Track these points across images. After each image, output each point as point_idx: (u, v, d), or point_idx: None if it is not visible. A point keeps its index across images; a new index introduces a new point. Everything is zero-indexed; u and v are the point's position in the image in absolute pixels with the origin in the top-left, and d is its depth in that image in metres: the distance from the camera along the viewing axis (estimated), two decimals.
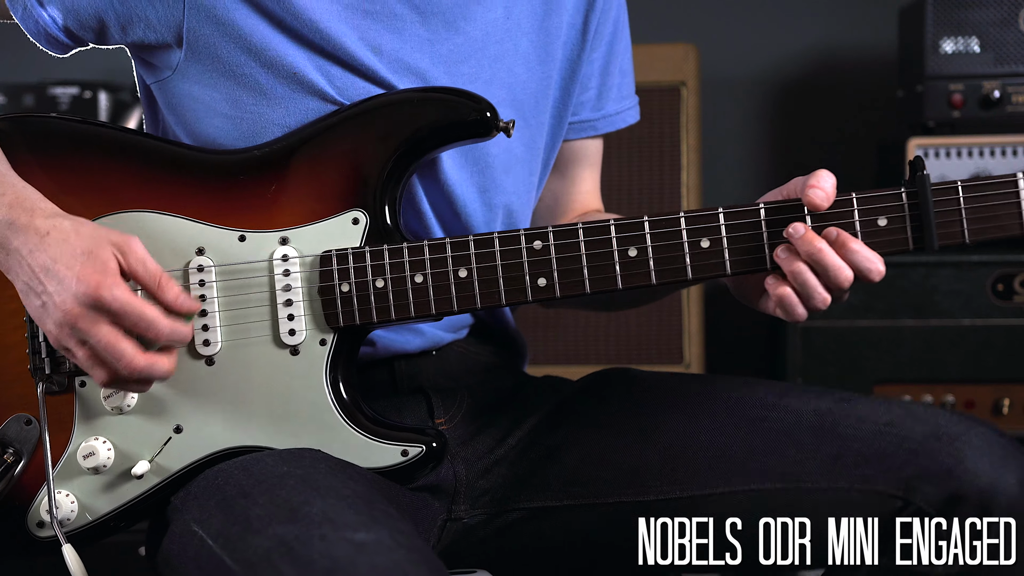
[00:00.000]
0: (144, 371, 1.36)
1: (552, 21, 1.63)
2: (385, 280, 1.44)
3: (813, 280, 1.38)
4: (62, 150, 1.49)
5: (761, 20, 3.32)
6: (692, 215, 1.42)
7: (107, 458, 1.46)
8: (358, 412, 1.46)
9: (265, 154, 1.49)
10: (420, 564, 1.22)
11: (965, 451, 1.38)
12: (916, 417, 1.43)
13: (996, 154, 2.72)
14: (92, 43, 1.56)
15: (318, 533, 1.23)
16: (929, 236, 1.39)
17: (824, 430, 1.46)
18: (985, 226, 1.39)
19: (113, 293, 1.34)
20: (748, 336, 3.26)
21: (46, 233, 1.37)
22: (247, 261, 1.46)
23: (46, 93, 3.04)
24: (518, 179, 1.63)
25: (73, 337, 1.36)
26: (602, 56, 1.71)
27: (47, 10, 1.52)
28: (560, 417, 1.60)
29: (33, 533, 1.48)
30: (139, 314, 1.35)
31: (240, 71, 1.50)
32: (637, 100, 1.78)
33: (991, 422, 1.45)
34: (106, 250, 1.36)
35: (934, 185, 1.39)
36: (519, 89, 1.60)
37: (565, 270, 1.43)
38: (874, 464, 1.41)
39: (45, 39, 1.55)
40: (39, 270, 1.36)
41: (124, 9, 1.50)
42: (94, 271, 1.35)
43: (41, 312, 1.37)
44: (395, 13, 1.53)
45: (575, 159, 1.77)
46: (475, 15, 1.56)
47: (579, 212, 1.78)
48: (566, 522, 1.55)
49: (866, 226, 1.40)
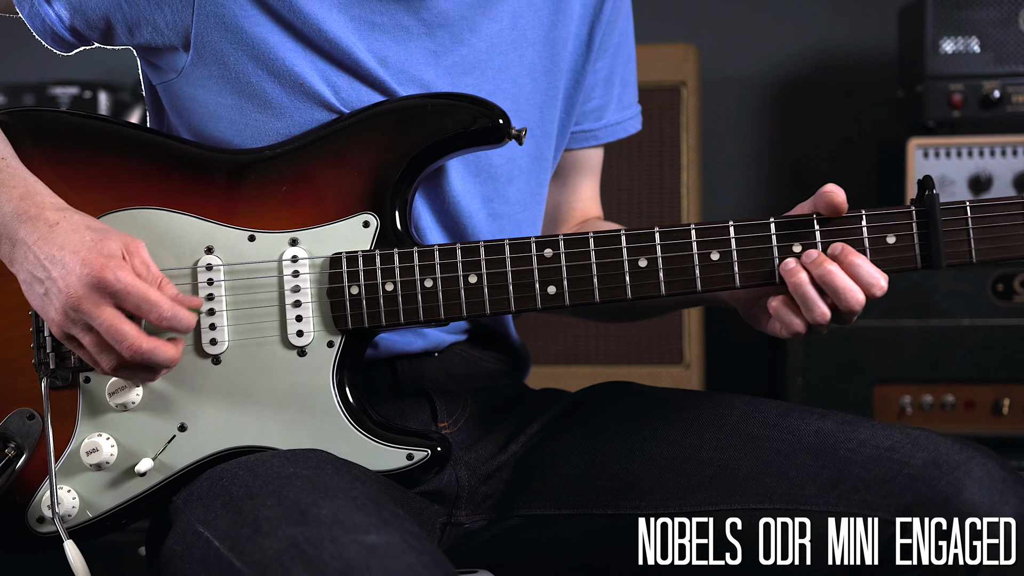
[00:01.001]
0: (148, 354, 1.36)
1: (559, 32, 1.63)
2: (395, 283, 1.44)
3: (813, 293, 1.38)
4: (71, 144, 1.49)
5: (761, 20, 3.33)
6: (703, 227, 1.42)
7: (110, 454, 1.46)
8: (364, 415, 1.46)
9: (277, 155, 1.49)
10: (432, 567, 1.22)
11: (964, 481, 1.37)
12: (917, 443, 1.43)
13: (996, 154, 2.72)
14: (98, 43, 1.56)
15: (329, 535, 1.23)
16: (937, 256, 1.40)
17: (825, 452, 1.45)
18: (993, 247, 1.40)
19: (116, 274, 1.34)
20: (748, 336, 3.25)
21: (55, 223, 1.38)
22: (256, 261, 1.46)
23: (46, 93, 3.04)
24: (523, 190, 1.63)
25: (78, 323, 1.36)
26: (606, 66, 1.71)
27: (54, 8, 1.51)
28: (561, 426, 1.60)
29: (33, 529, 1.48)
30: (142, 295, 1.35)
31: (246, 79, 1.50)
32: (639, 109, 1.79)
33: (994, 452, 1.43)
34: (114, 242, 1.37)
35: (943, 205, 1.40)
36: (523, 100, 1.60)
37: (575, 279, 1.43)
38: (873, 489, 1.41)
39: (51, 37, 1.55)
40: (45, 259, 1.36)
41: (132, 11, 1.50)
42: (99, 255, 1.35)
43: (44, 301, 1.37)
44: (402, 25, 1.53)
45: (576, 168, 1.77)
46: (481, 27, 1.56)
47: (579, 220, 1.79)
48: (565, 530, 1.55)
49: (875, 243, 1.41)
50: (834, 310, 1.40)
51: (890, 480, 1.41)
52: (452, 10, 1.54)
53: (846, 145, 3.30)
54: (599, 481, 1.54)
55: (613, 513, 1.53)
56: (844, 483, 1.43)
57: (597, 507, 1.54)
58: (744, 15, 3.33)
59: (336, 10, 1.50)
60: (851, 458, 1.44)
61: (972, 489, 1.37)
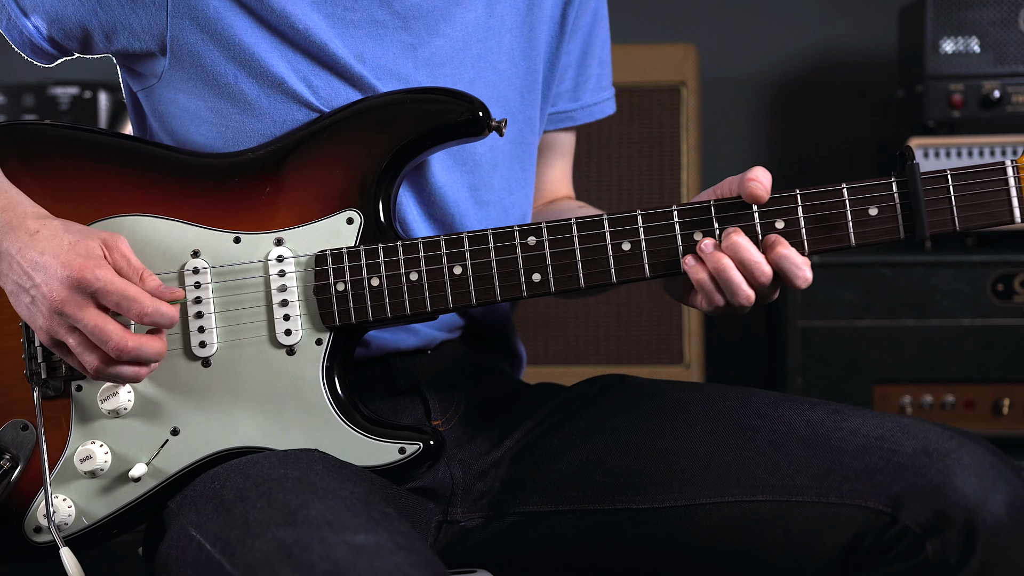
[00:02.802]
0: (134, 351, 1.36)
1: (535, 15, 1.64)
2: (380, 278, 1.45)
3: (737, 277, 1.38)
4: (54, 156, 1.49)
5: (761, 20, 3.32)
6: (684, 208, 1.43)
7: (104, 461, 1.46)
8: (355, 410, 1.46)
9: (259, 156, 1.49)
10: (420, 566, 1.22)
11: (954, 468, 1.37)
12: (907, 431, 1.42)
13: (996, 154, 2.72)
14: (77, 53, 1.57)
15: (317, 536, 1.23)
16: (920, 224, 1.39)
17: (816, 442, 1.45)
18: (975, 213, 1.39)
19: (96, 273, 1.35)
20: (748, 336, 3.26)
21: (36, 232, 1.39)
22: (242, 262, 1.47)
23: (46, 93, 3.04)
24: (508, 176, 1.63)
25: (63, 325, 1.36)
26: (579, 47, 1.71)
27: (31, 20, 1.52)
28: (556, 422, 1.60)
29: (31, 539, 1.48)
30: (122, 292, 1.35)
31: (224, 80, 1.50)
32: (613, 92, 1.79)
33: (985, 440, 1.43)
34: (93, 241, 1.38)
35: (923, 174, 1.39)
36: (504, 86, 1.60)
37: (559, 265, 1.44)
38: (864, 479, 1.41)
39: (30, 49, 1.56)
40: (28, 266, 1.37)
41: (108, 18, 1.51)
42: (78, 256, 1.36)
43: (31, 309, 1.38)
44: (376, 20, 1.53)
45: (548, 149, 1.77)
46: (455, 16, 1.57)
47: (547, 200, 1.79)
48: (562, 527, 1.55)
49: (857, 216, 1.41)
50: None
51: (880, 469, 1.40)
52: (425, 2, 1.54)
53: (846, 145, 3.30)
54: (595, 476, 1.54)
55: (609, 508, 1.53)
56: (835, 473, 1.43)
57: (593, 503, 1.54)
58: (744, 15, 3.32)
59: (310, 7, 1.50)
60: (842, 447, 1.44)
61: (962, 477, 1.36)
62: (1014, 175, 1.39)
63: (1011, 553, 1.35)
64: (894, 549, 1.40)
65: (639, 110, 2.84)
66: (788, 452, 1.46)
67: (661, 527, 1.51)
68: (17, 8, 1.53)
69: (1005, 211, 1.40)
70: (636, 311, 2.86)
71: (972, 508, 1.35)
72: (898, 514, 1.38)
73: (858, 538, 1.41)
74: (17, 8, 1.53)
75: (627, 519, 1.52)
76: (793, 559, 1.45)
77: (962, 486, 1.36)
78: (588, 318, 2.88)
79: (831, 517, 1.42)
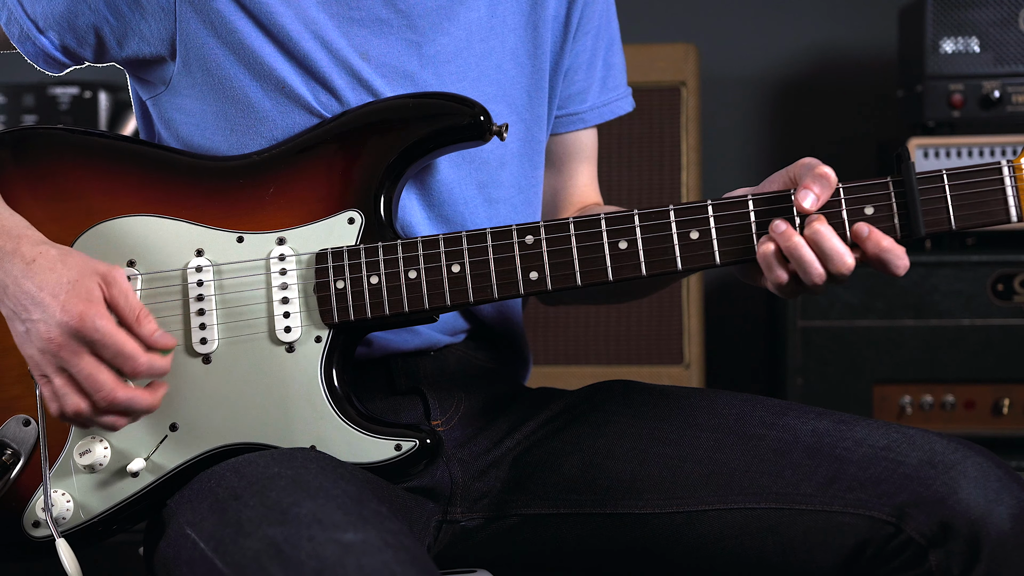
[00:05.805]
0: (124, 403, 1.37)
1: (539, 16, 1.64)
2: (379, 276, 1.46)
3: (810, 255, 1.37)
4: (65, 159, 1.51)
5: (761, 20, 3.33)
6: (681, 208, 1.43)
7: (103, 456, 1.46)
8: (352, 408, 1.47)
9: (264, 159, 1.51)
10: (408, 563, 1.22)
11: (959, 480, 1.36)
12: (913, 442, 1.42)
13: (996, 154, 2.72)
14: (89, 61, 1.58)
15: (307, 534, 1.24)
16: (916, 222, 1.39)
17: (821, 451, 1.45)
18: (971, 212, 1.40)
19: (95, 323, 1.36)
20: (748, 336, 3.26)
21: (32, 260, 1.39)
22: (244, 260, 1.48)
23: (46, 93, 3.05)
24: (517, 173, 1.63)
25: (53, 364, 1.37)
26: (588, 48, 1.71)
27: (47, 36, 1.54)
28: (559, 425, 1.60)
29: (29, 534, 1.48)
30: (119, 348, 1.37)
31: (229, 84, 1.51)
32: (629, 91, 1.79)
33: (990, 451, 1.43)
34: (92, 279, 1.38)
35: (919, 174, 1.40)
36: (509, 84, 1.61)
37: (556, 263, 1.45)
38: (868, 488, 1.41)
39: (43, 60, 1.57)
40: (25, 299, 1.38)
41: (119, 24, 1.52)
42: (79, 300, 1.37)
43: (24, 339, 1.39)
44: (380, 18, 1.54)
45: (568, 153, 1.77)
46: (459, 15, 1.57)
47: (578, 206, 1.79)
48: (564, 530, 1.55)
49: (853, 215, 1.41)
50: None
51: (885, 479, 1.40)
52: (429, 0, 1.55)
53: (846, 145, 3.30)
54: (597, 480, 1.54)
55: (611, 512, 1.53)
56: (839, 482, 1.43)
57: (595, 507, 1.54)
58: (744, 15, 3.33)
59: (315, 7, 1.51)
60: (847, 457, 1.44)
61: (967, 488, 1.36)
62: (1011, 175, 1.40)
63: (1015, 565, 1.34)
64: (897, 559, 1.39)
65: (639, 110, 2.84)
66: (793, 460, 1.46)
67: (663, 532, 1.50)
68: (30, 22, 1.53)
69: (1002, 210, 1.40)
70: (636, 311, 2.86)
71: (976, 519, 1.34)
72: (902, 524, 1.38)
73: (861, 547, 1.41)
74: (30, 22, 1.53)
75: (630, 524, 1.52)
76: (796, 567, 1.45)
77: (967, 498, 1.35)
78: (588, 318, 2.89)
79: (835, 526, 1.42)
